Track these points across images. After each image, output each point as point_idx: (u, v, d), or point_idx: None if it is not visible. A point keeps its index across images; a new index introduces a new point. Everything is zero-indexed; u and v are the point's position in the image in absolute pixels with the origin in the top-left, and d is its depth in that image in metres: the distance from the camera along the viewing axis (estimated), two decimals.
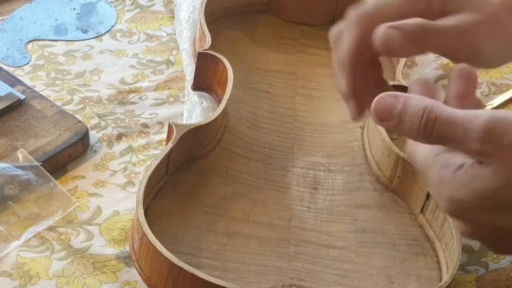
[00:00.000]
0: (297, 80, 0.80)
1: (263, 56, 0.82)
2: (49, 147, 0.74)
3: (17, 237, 0.68)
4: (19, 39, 0.88)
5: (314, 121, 0.76)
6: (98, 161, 0.75)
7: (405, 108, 0.51)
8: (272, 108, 0.77)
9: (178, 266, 0.57)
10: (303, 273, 0.63)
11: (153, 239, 0.59)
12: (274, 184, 0.70)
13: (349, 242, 0.66)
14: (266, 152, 0.72)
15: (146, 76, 0.84)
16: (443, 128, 0.50)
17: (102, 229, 0.69)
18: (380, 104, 0.51)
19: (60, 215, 0.70)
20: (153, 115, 0.80)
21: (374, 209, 0.68)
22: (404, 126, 0.51)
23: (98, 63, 0.86)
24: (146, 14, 0.92)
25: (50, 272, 0.66)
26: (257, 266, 0.63)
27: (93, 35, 0.89)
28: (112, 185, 0.73)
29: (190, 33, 0.85)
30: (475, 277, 0.66)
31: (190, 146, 0.68)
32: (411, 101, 0.51)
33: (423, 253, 0.65)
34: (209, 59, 0.76)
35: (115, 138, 0.78)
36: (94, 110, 0.80)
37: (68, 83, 0.83)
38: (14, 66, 0.85)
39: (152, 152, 0.76)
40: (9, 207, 0.70)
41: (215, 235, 0.65)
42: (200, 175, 0.69)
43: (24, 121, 0.76)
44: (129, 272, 0.66)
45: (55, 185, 0.71)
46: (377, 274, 0.64)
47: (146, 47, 0.88)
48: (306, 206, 0.68)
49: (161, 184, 0.66)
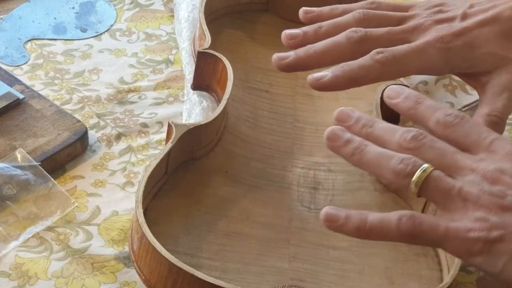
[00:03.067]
0: (298, 80, 0.80)
1: (263, 55, 0.81)
2: (47, 147, 0.74)
3: (15, 237, 0.68)
4: (18, 38, 0.87)
5: (314, 121, 0.76)
6: (97, 161, 0.75)
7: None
8: (272, 108, 0.76)
9: (177, 266, 0.57)
10: (303, 273, 0.63)
11: (152, 239, 0.59)
12: (274, 184, 0.70)
13: (349, 243, 0.65)
14: (266, 152, 0.72)
15: (146, 75, 0.84)
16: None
17: (101, 229, 0.69)
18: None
19: (59, 215, 0.69)
20: (152, 115, 0.80)
21: (374, 210, 0.68)
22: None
23: (97, 63, 0.85)
24: (146, 13, 0.91)
25: (49, 273, 0.66)
26: (257, 267, 0.63)
27: (92, 34, 0.89)
28: (111, 185, 0.73)
29: (190, 32, 0.84)
30: (476, 277, 0.66)
31: (189, 146, 0.68)
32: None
33: (424, 253, 0.65)
34: (208, 58, 0.76)
35: (114, 138, 0.77)
36: (93, 110, 0.80)
37: (67, 82, 0.83)
38: (12, 65, 0.84)
39: (152, 152, 0.76)
40: (8, 207, 0.69)
41: (215, 236, 0.64)
42: (200, 175, 0.69)
43: (23, 120, 0.76)
44: (128, 272, 0.66)
45: (54, 185, 0.71)
46: (377, 275, 0.63)
47: (145, 46, 0.87)
48: (306, 206, 0.68)
49: (161, 184, 0.66)
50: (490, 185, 0.52)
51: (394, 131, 0.56)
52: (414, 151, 0.54)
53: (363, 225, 0.53)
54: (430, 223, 0.53)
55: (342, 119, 0.58)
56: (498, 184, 0.52)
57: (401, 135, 0.55)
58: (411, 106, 0.58)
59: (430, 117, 0.56)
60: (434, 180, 0.53)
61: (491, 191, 0.52)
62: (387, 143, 0.56)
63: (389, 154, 0.55)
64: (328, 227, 0.54)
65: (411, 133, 0.55)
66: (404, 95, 0.58)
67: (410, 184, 0.53)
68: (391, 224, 0.53)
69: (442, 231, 0.52)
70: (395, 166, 0.54)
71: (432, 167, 0.53)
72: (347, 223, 0.54)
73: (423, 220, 0.53)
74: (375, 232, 0.53)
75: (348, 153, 0.56)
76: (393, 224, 0.53)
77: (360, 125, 0.57)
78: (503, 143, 0.55)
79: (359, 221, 0.53)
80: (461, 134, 0.55)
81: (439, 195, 0.53)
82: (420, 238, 0.53)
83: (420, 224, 0.52)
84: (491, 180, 0.53)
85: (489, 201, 0.52)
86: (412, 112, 0.58)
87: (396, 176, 0.54)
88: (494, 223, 0.51)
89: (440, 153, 0.54)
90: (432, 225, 0.53)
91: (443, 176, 0.53)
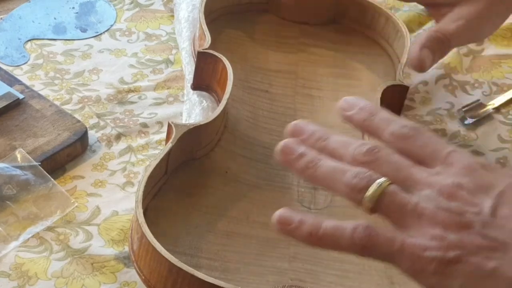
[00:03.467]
0: (298, 80, 0.79)
1: (263, 56, 0.81)
2: (47, 147, 0.74)
3: (15, 238, 0.68)
4: (18, 38, 0.87)
5: (314, 121, 0.75)
6: (97, 161, 0.75)
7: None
8: (272, 108, 0.76)
9: (177, 266, 0.57)
10: (303, 273, 0.63)
11: (152, 239, 0.59)
12: (274, 184, 0.70)
13: None
14: (266, 152, 0.72)
15: (146, 75, 0.84)
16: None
17: (101, 229, 0.69)
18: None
19: (59, 215, 0.69)
20: (152, 115, 0.80)
21: None
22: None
23: (97, 63, 0.85)
24: (146, 13, 0.91)
25: (49, 273, 0.66)
26: (257, 267, 0.63)
27: (92, 34, 0.89)
28: (111, 185, 0.73)
29: (190, 32, 0.84)
30: None
31: (189, 146, 0.68)
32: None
33: None
34: (208, 59, 0.76)
35: (114, 138, 0.77)
36: (93, 110, 0.80)
37: (67, 82, 0.83)
38: (12, 65, 0.84)
39: (152, 152, 0.76)
40: (8, 207, 0.69)
41: (215, 236, 0.64)
42: (200, 175, 0.68)
43: (23, 120, 0.76)
44: (128, 272, 0.66)
45: (54, 185, 0.71)
46: (377, 275, 0.63)
47: (145, 46, 0.87)
48: (306, 207, 0.68)
49: (161, 184, 0.66)
50: (447, 200, 0.50)
51: (349, 144, 0.53)
52: (369, 164, 0.52)
53: (316, 231, 0.51)
54: (386, 236, 0.50)
55: (296, 132, 0.55)
56: (456, 199, 0.50)
57: (355, 148, 0.53)
58: (366, 117, 0.55)
59: (385, 129, 0.54)
60: (389, 195, 0.50)
61: (449, 207, 0.50)
62: (343, 157, 0.53)
63: (343, 168, 0.52)
64: (279, 230, 0.52)
65: (366, 146, 0.53)
66: (359, 106, 0.56)
67: (363, 199, 0.51)
68: (345, 233, 0.50)
69: (398, 246, 0.49)
70: (349, 181, 0.51)
71: (388, 181, 0.51)
72: (300, 227, 0.51)
73: (379, 232, 0.50)
74: (327, 240, 0.51)
75: (301, 167, 0.53)
76: (347, 233, 0.50)
77: (314, 138, 0.55)
78: (460, 156, 0.52)
79: (312, 227, 0.51)
80: (417, 146, 0.53)
81: (395, 211, 0.51)
82: (372, 250, 0.50)
83: (375, 236, 0.50)
84: (447, 195, 0.50)
85: (446, 218, 0.49)
86: (366, 124, 0.55)
87: (350, 190, 0.51)
88: (451, 242, 0.49)
89: (395, 167, 0.52)
90: (388, 238, 0.50)
91: (398, 190, 0.51)
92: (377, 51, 0.83)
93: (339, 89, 0.79)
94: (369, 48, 0.83)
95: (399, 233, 0.50)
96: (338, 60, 0.82)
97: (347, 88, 0.79)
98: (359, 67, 0.81)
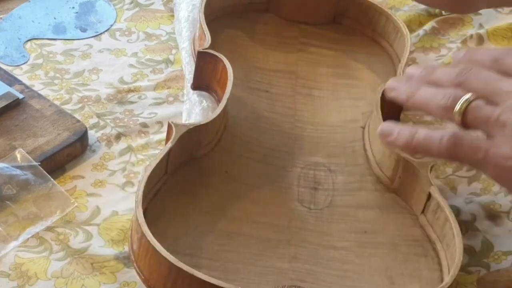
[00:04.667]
0: (298, 80, 0.79)
1: (263, 55, 0.81)
2: (47, 147, 0.73)
3: (15, 238, 0.68)
4: (18, 38, 0.87)
5: (314, 121, 0.76)
6: (97, 161, 0.75)
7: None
8: (272, 108, 0.76)
9: (177, 266, 0.57)
10: (303, 273, 0.63)
11: (152, 239, 0.58)
12: (274, 184, 0.70)
13: (349, 243, 0.65)
14: (266, 152, 0.72)
15: (145, 75, 0.84)
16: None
17: (101, 229, 0.69)
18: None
19: (59, 215, 0.69)
20: (152, 115, 0.79)
21: (375, 210, 0.68)
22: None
23: (97, 62, 0.85)
24: (145, 13, 0.91)
25: (49, 273, 0.66)
26: (257, 267, 0.63)
27: (92, 34, 0.89)
28: (111, 185, 0.73)
29: (190, 32, 0.84)
30: (477, 278, 0.66)
31: (189, 146, 0.68)
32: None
33: (424, 254, 0.65)
34: (208, 58, 0.76)
35: (114, 138, 0.77)
36: (93, 110, 0.80)
37: (66, 82, 0.83)
38: (12, 65, 0.84)
39: (151, 152, 0.76)
40: (7, 207, 0.69)
41: (215, 236, 0.64)
42: (200, 175, 0.68)
43: (23, 120, 0.76)
44: (128, 272, 0.65)
45: (54, 185, 0.71)
46: (377, 275, 0.63)
47: (145, 46, 0.87)
48: (306, 207, 0.68)
49: (160, 184, 0.66)
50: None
51: (448, 72, 0.58)
52: (462, 84, 0.56)
53: (410, 140, 0.56)
54: (472, 145, 0.54)
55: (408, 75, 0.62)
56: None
57: (450, 73, 0.58)
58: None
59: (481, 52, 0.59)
60: (474, 108, 0.54)
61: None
62: (442, 84, 0.58)
63: (436, 92, 0.57)
64: (382, 141, 0.59)
65: (458, 69, 0.57)
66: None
67: (454, 116, 0.55)
68: (433, 142, 0.55)
69: (482, 154, 0.53)
70: (439, 101, 0.56)
71: (474, 96, 0.55)
72: (398, 138, 0.57)
73: (464, 141, 0.54)
74: (420, 148, 0.56)
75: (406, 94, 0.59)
76: (435, 142, 0.54)
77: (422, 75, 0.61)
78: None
79: (407, 137, 0.57)
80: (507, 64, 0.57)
81: (481, 123, 0.54)
82: (458, 158, 0.54)
83: (460, 145, 0.54)
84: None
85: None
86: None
87: (442, 110, 0.56)
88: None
89: (484, 81, 0.56)
90: (473, 147, 0.53)
91: (482, 104, 0.54)
92: (377, 51, 0.83)
93: (339, 89, 0.79)
94: (369, 48, 0.83)
95: (485, 142, 0.54)
96: (338, 60, 0.82)
97: (347, 88, 0.79)
98: (359, 67, 0.81)
